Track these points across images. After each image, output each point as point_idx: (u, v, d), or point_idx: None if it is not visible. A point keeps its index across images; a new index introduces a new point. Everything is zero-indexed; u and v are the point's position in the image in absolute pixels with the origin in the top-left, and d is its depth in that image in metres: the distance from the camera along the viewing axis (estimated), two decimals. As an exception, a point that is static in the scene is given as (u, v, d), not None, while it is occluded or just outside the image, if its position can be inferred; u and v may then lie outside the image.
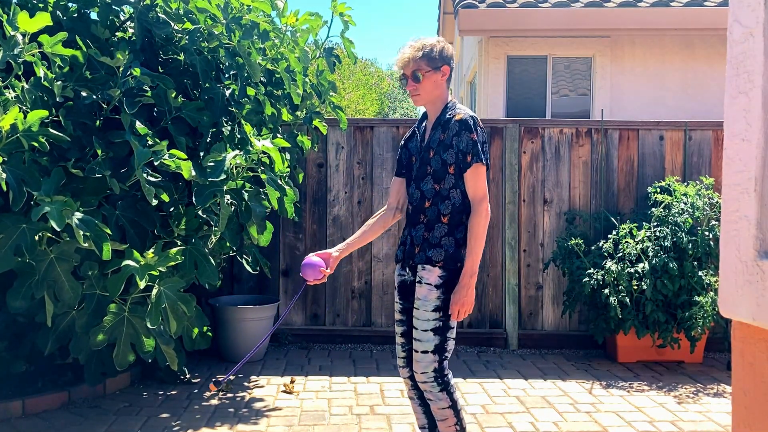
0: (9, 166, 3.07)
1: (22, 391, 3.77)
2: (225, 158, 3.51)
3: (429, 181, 2.63)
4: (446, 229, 2.59)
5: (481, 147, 2.57)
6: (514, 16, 7.10)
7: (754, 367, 1.45)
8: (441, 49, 2.63)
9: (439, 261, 2.57)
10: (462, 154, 2.56)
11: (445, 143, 2.60)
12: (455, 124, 2.59)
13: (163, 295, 3.40)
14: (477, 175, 2.56)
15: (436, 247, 2.58)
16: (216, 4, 3.86)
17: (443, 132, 2.62)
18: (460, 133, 2.57)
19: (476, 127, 2.58)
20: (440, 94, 2.67)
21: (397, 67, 2.66)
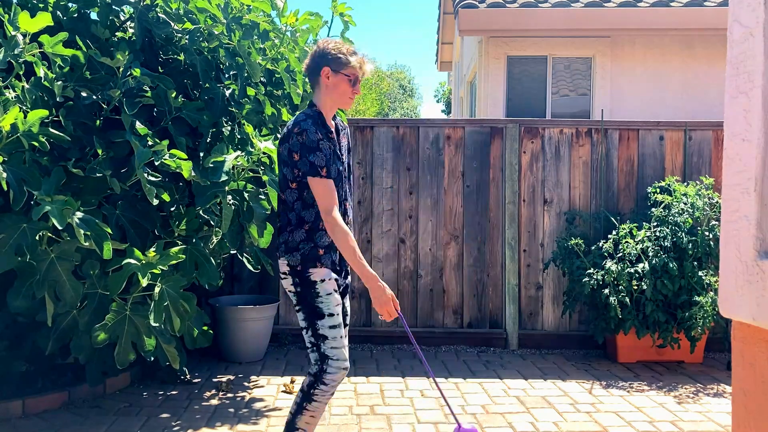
0: (9, 166, 3.07)
1: (22, 391, 3.77)
2: (226, 159, 3.51)
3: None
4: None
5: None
6: (514, 16, 7.10)
7: (754, 367, 1.46)
8: None
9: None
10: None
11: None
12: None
13: (165, 293, 3.41)
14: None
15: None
16: (216, 4, 3.86)
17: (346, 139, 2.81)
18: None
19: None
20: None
21: (366, 75, 2.71)
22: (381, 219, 5.44)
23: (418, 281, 5.44)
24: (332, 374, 2.59)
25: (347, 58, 2.62)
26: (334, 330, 2.61)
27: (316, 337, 2.60)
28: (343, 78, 2.63)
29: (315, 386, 2.60)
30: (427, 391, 4.21)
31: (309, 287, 2.60)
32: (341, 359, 2.61)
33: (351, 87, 2.66)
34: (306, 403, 2.61)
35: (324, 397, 2.61)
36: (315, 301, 2.60)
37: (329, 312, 2.60)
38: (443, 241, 5.44)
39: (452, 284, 5.44)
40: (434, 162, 5.43)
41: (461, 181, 5.43)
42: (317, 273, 2.61)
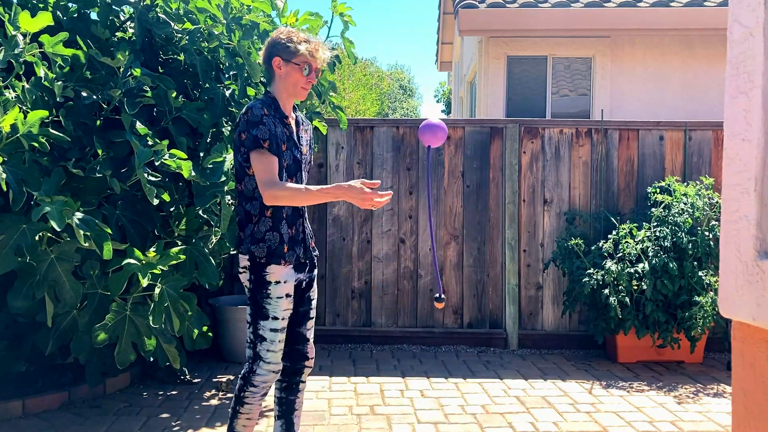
0: (9, 167, 3.07)
1: (22, 391, 3.77)
2: (225, 159, 3.51)
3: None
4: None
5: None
6: (514, 16, 7.10)
7: (754, 367, 1.46)
8: None
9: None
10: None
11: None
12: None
13: (165, 293, 3.41)
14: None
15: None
16: (216, 4, 3.86)
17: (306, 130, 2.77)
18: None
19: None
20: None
21: (320, 63, 2.63)
22: (381, 219, 5.44)
23: (418, 281, 5.44)
24: (262, 376, 2.58)
25: (296, 47, 2.54)
26: (274, 333, 2.58)
27: (255, 336, 2.59)
28: (294, 67, 2.57)
29: (244, 389, 2.59)
30: (427, 391, 4.21)
31: (262, 286, 2.57)
32: (273, 362, 2.59)
33: (303, 76, 2.58)
34: (239, 407, 2.61)
35: (254, 398, 2.60)
36: (264, 301, 2.57)
37: (274, 315, 2.57)
38: (443, 241, 5.44)
39: (452, 284, 5.44)
40: (434, 162, 5.43)
41: (461, 181, 5.43)
42: (275, 273, 2.56)
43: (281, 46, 2.57)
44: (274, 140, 2.52)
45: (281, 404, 2.78)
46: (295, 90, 2.61)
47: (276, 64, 2.59)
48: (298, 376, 2.78)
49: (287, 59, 2.57)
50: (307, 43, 2.57)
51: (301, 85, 2.60)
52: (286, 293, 2.59)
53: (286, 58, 2.57)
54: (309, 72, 2.59)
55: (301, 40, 2.57)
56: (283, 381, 2.78)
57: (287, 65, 2.57)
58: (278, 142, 2.55)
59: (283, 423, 2.78)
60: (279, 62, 2.58)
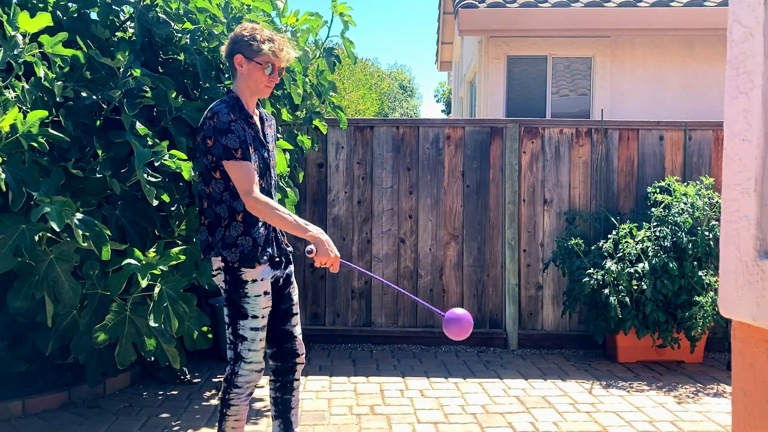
0: (9, 167, 3.07)
1: (22, 391, 3.77)
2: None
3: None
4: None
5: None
6: (514, 16, 7.09)
7: (754, 367, 1.46)
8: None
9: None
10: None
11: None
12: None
13: (164, 293, 3.41)
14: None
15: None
16: (216, 4, 3.86)
17: (271, 127, 2.74)
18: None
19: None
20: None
21: (284, 62, 2.58)
22: (381, 219, 5.44)
23: (418, 281, 5.44)
24: (244, 376, 2.56)
25: (259, 46, 2.48)
26: (254, 332, 2.56)
27: (235, 336, 2.56)
28: (256, 66, 2.51)
29: (229, 391, 2.58)
30: (427, 391, 4.21)
31: (238, 286, 2.54)
32: (255, 362, 2.57)
33: (266, 75, 2.53)
34: (225, 410, 2.60)
35: (239, 400, 2.58)
36: (241, 301, 2.54)
37: (253, 314, 2.55)
38: (443, 240, 5.44)
39: (452, 284, 5.44)
40: (434, 162, 5.43)
41: (461, 181, 5.43)
42: (250, 273, 2.54)
43: (244, 44, 2.51)
44: (246, 145, 2.48)
45: (277, 404, 2.77)
46: (257, 88, 2.56)
47: (238, 62, 2.53)
48: (291, 374, 2.76)
49: (249, 57, 2.51)
50: (271, 41, 2.51)
51: (264, 84, 2.55)
52: (264, 291, 2.56)
53: (248, 56, 2.51)
54: (272, 71, 2.54)
55: (264, 38, 2.50)
56: (276, 381, 2.76)
57: (249, 63, 2.52)
58: (248, 144, 2.50)
59: (281, 423, 2.77)
60: (241, 60, 2.52)
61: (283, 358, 2.74)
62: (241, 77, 2.56)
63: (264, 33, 2.52)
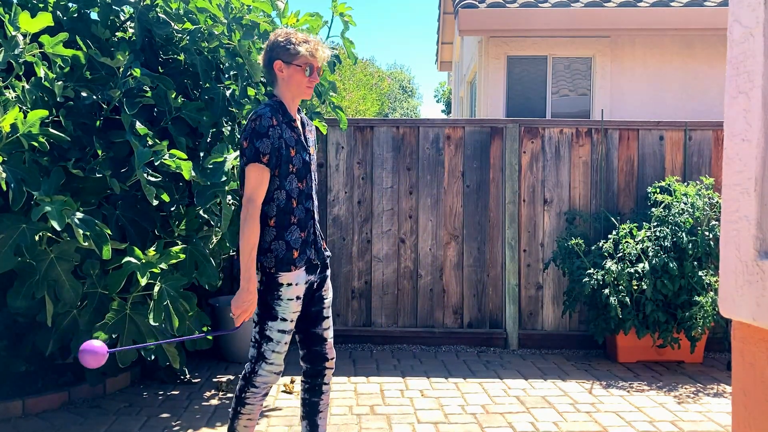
0: (9, 166, 3.07)
1: (22, 391, 3.77)
2: (226, 160, 3.51)
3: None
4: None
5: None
6: (514, 16, 7.10)
7: (754, 367, 1.46)
8: None
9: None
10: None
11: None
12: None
13: (164, 292, 3.41)
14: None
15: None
16: (216, 4, 3.86)
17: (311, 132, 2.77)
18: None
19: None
20: None
21: (321, 62, 2.62)
22: (381, 219, 5.44)
23: (418, 281, 5.44)
24: (263, 377, 2.58)
25: (296, 48, 2.54)
26: (281, 334, 2.58)
27: (262, 336, 2.58)
28: (296, 69, 2.56)
29: (246, 389, 2.59)
30: (427, 391, 4.21)
31: (273, 288, 2.56)
32: (276, 364, 2.59)
33: (306, 77, 2.58)
34: (240, 407, 2.61)
35: (255, 399, 2.60)
36: (274, 302, 2.56)
37: (283, 317, 2.57)
38: (443, 241, 5.44)
39: (452, 284, 5.44)
40: (434, 162, 5.43)
41: (461, 181, 5.43)
42: (286, 277, 2.56)
43: (281, 49, 2.56)
44: (275, 155, 2.51)
45: (305, 405, 2.79)
46: (299, 91, 2.61)
47: (277, 68, 2.58)
48: (320, 378, 2.76)
49: (288, 61, 2.56)
50: (307, 43, 2.56)
51: (305, 85, 2.60)
52: (296, 295, 2.58)
53: (286, 60, 2.56)
54: (311, 72, 2.59)
55: (300, 40, 2.56)
56: (306, 383, 2.78)
57: (289, 68, 2.57)
58: (284, 149, 2.54)
59: (308, 424, 2.79)
60: (280, 65, 2.57)
61: (312, 361, 2.75)
62: (282, 82, 2.60)
63: (298, 36, 2.58)
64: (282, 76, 2.59)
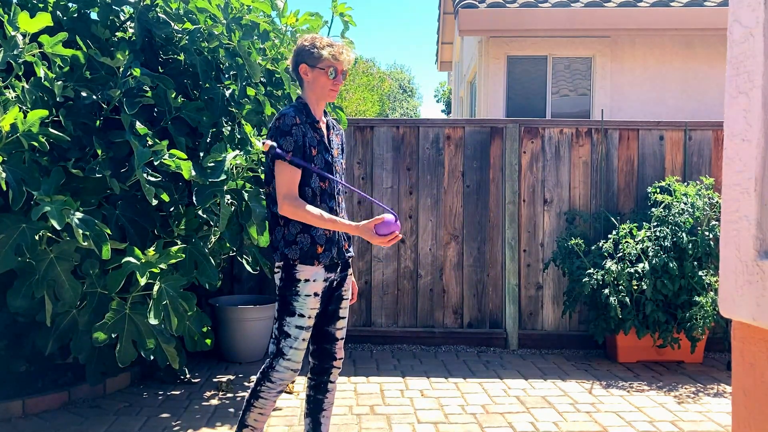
0: (9, 166, 3.07)
1: (22, 391, 3.77)
2: (225, 158, 3.51)
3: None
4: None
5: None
6: (514, 16, 7.10)
7: (754, 367, 1.46)
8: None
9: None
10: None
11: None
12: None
13: (164, 291, 3.41)
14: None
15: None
16: (216, 5, 3.86)
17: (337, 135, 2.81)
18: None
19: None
20: None
21: (345, 65, 2.68)
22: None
23: (418, 281, 5.44)
24: (280, 373, 2.61)
25: (320, 52, 2.60)
26: (299, 330, 2.61)
27: (280, 332, 2.62)
28: (320, 72, 2.63)
29: (262, 383, 2.62)
30: (427, 391, 4.21)
31: (291, 283, 2.61)
32: (294, 361, 2.62)
33: (330, 80, 2.64)
34: (253, 400, 2.64)
35: (270, 394, 2.62)
36: (291, 298, 2.61)
37: (300, 312, 2.60)
38: (443, 241, 5.44)
39: (452, 284, 5.44)
40: (434, 162, 5.43)
41: (461, 181, 5.43)
42: (305, 272, 2.60)
43: (306, 53, 2.63)
44: (299, 151, 2.58)
45: (310, 402, 2.82)
46: (323, 93, 2.67)
47: (303, 71, 2.66)
48: (326, 375, 2.80)
49: (313, 65, 2.63)
50: (331, 47, 2.63)
51: (329, 87, 2.66)
52: (314, 292, 2.62)
53: (311, 64, 2.63)
54: (335, 75, 2.65)
55: (324, 44, 2.63)
56: (312, 379, 2.81)
57: (313, 71, 2.64)
58: (307, 149, 2.61)
59: (311, 422, 2.81)
60: (305, 69, 2.65)
61: (321, 358, 2.79)
62: (307, 85, 2.68)
63: (323, 40, 2.64)
64: (307, 79, 2.66)
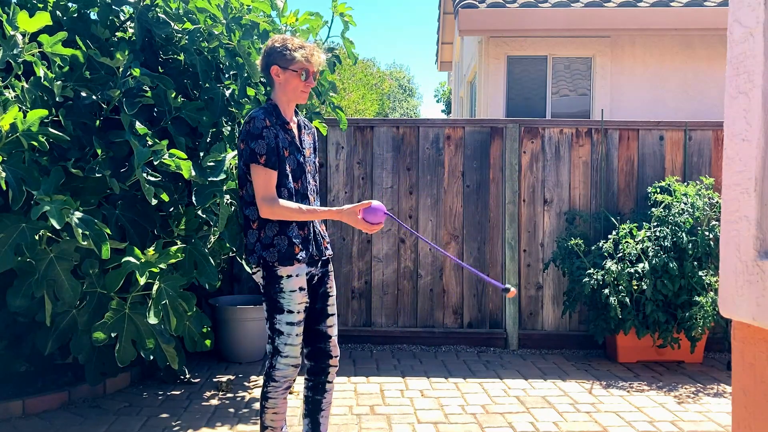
0: (9, 166, 3.07)
1: (22, 391, 3.77)
2: (225, 158, 3.51)
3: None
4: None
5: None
6: (514, 16, 7.10)
7: (754, 367, 1.45)
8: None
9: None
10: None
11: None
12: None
13: (163, 291, 3.41)
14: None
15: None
16: (216, 4, 3.86)
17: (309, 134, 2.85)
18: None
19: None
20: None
21: (317, 67, 2.69)
22: (381, 219, 5.43)
23: (418, 281, 5.44)
24: (281, 370, 2.63)
25: (292, 54, 2.62)
26: (290, 327, 2.64)
27: (273, 330, 2.65)
28: (292, 74, 2.64)
29: (267, 384, 2.66)
30: (427, 391, 4.21)
31: (274, 281, 2.63)
32: (291, 356, 2.65)
33: (302, 81, 2.66)
34: (264, 402, 2.68)
35: (277, 393, 2.65)
36: (278, 296, 2.63)
37: (289, 309, 2.63)
38: (443, 240, 5.43)
39: (452, 284, 5.44)
40: (434, 162, 5.43)
41: (461, 181, 5.43)
42: (285, 269, 2.63)
43: (277, 54, 2.64)
44: (273, 154, 2.59)
45: (308, 403, 2.83)
46: (295, 95, 2.69)
47: (274, 73, 2.67)
48: (323, 375, 2.81)
49: (284, 67, 2.64)
50: (303, 48, 2.64)
51: (300, 89, 2.68)
52: (299, 287, 2.64)
53: (283, 65, 2.64)
54: (307, 77, 2.67)
55: (296, 46, 2.63)
56: (309, 380, 2.83)
57: (285, 72, 2.65)
58: (279, 150, 2.62)
59: (310, 422, 2.83)
60: (277, 70, 2.66)
61: (316, 358, 2.80)
62: (278, 86, 2.69)
63: (294, 42, 2.66)
64: (278, 80, 2.68)
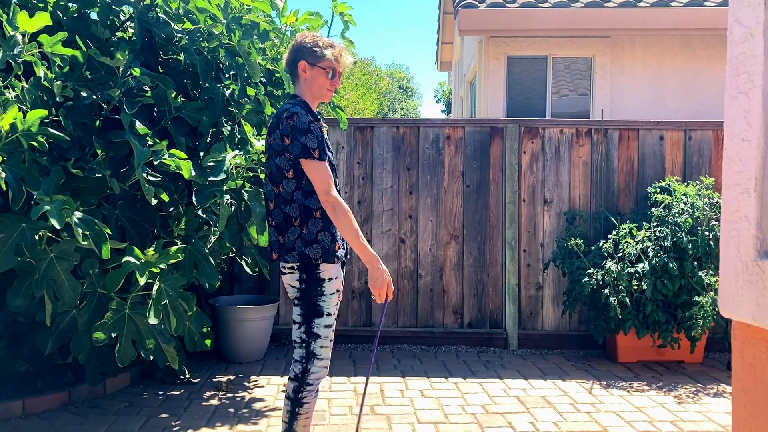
0: (9, 166, 3.07)
1: (22, 391, 3.77)
2: (225, 158, 3.51)
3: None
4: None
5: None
6: (514, 16, 7.10)
7: (754, 367, 1.45)
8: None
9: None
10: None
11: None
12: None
13: (163, 291, 3.40)
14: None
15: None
16: (216, 4, 3.86)
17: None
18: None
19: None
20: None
21: (344, 68, 2.68)
22: (381, 219, 5.43)
23: (418, 281, 5.44)
24: (316, 373, 2.62)
25: (323, 51, 2.61)
26: (327, 329, 2.62)
27: (309, 335, 2.60)
28: (320, 71, 2.63)
29: (301, 389, 2.62)
30: (427, 391, 4.21)
31: (316, 284, 2.58)
32: (325, 358, 2.64)
33: (329, 80, 2.65)
34: (298, 408, 2.62)
35: (311, 397, 2.63)
36: (318, 299, 2.59)
37: (328, 312, 2.61)
38: (443, 241, 5.43)
39: (452, 284, 5.44)
40: (434, 162, 5.43)
41: (461, 181, 5.43)
42: (328, 271, 2.59)
43: (307, 50, 2.62)
44: (322, 148, 2.56)
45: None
46: (320, 93, 2.67)
47: (301, 68, 2.64)
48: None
49: (313, 63, 2.63)
50: (333, 47, 2.64)
51: (326, 87, 2.67)
52: (336, 289, 2.63)
53: (311, 62, 2.62)
54: (333, 76, 2.66)
55: (326, 44, 2.63)
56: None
57: (313, 69, 2.63)
58: (327, 145, 2.62)
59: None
60: (305, 66, 2.63)
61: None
62: (304, 83, 2.66)
63: (324, 40, 2.65)
64: (305, 76, 2.65)
